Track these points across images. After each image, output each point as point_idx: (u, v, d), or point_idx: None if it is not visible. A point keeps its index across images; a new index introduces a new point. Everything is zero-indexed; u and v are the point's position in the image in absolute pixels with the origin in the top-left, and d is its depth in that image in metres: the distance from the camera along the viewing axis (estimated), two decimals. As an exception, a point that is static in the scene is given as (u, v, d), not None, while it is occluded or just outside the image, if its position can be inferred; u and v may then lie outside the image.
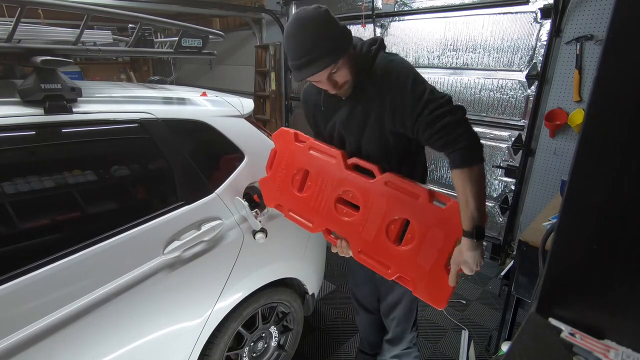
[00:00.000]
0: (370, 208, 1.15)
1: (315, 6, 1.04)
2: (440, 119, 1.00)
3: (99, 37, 1.53)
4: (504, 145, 2.84)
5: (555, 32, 2.38)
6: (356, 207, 1.20)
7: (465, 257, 1.00)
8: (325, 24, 1.02)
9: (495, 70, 2.77)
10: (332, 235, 1.29)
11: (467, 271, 1.02)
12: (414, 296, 1.51)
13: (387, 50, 1.18)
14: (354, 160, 1.21)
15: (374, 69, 1.11)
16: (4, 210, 1.02)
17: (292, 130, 1.36)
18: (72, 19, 4.39)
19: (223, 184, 1.44)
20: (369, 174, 1.17)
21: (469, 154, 1.01)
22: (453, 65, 3.00)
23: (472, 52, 2.85)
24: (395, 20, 3.31)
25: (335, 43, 1.03)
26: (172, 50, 1.47)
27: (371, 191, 1.15)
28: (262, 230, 1.47)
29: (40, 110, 1.08)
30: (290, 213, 1.37)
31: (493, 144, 2.90)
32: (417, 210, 1.08)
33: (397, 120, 1.10)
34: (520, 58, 2.62)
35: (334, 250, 1.29)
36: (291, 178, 1.34)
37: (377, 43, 1.14)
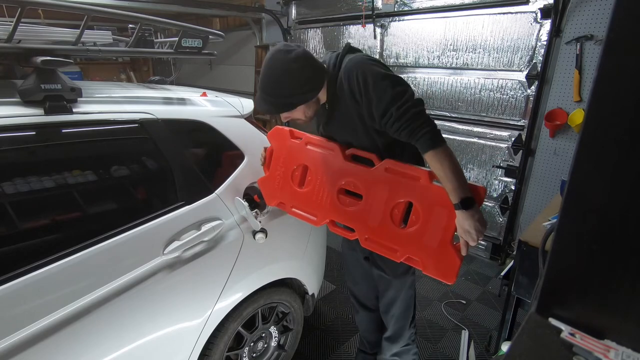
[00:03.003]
0: (373, 195, 1.18)
1: (292, 56, 1.11)
2: (407, 112, 1.08)
3: (99, 37, 1.53)
4: (504, 145, 2.84)
5: (555, 32, 2.38)
6: (359, 196, 1.22)
7: (466, 227, 1.04)
8: (289, 79, 1.12)
9: (495, 70, 2.77)
10: (337, 227, 1.31)
11: (470, 241, 1.05)
12: (411, 292, 1.53)
13: (357, 51, 1.25)
14: (352, 150, 1.25)
15: (340, 75, 1.19)
16: (4, 211, 1.02)
17: (286, 128, 1.38)
18: (72, 19, 4.39)
19: (223, 184, 1.44)
20: (368, 163, 1.20)
21: (436, 136, 1.08)
22: (453, 65, 2.99)
23: (472, 52, 2.85)
24: (395, 20, 3.31)
25: (288, 100, 1.16)
26: (172, 50, 1.47)
27: (372, 179, 1.18)
28: (262, 230, 1.47)
29: (41, 111, 1.08)
30: (293, 209, 1.37)
31: (493, 144, 2.89)
32: (419, 192, 1.11)
33: (367, 116, 1.17)
34: (520, 58, 2.62)
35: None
36: (290, 174, 1.36)
37: (340, 53, 1.22)
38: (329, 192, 1.27)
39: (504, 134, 2.83)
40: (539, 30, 2.49)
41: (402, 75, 3.22)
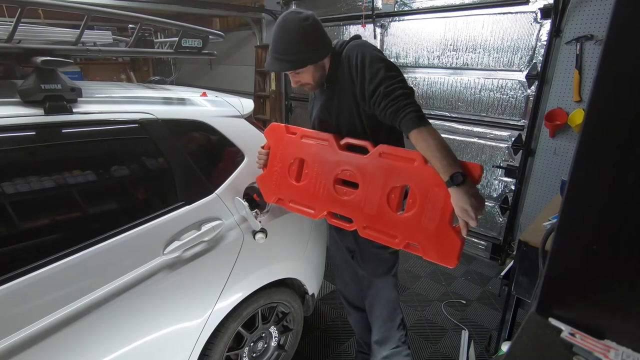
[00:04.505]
0: (369, 182, 1.18)
1: (303, 15, 1.18)
2: (394, 91, 1.12)
3: (99, 37, 1.53)
4: (504, 145, 2.84)
5: (555, 32, 2.38)
6: (355, 186, 1.22)
7: (461, 204, 1.00)
8: (301, 36, 1.18)
9: (495, 70, 2.77)
10: (335, 219, 1.30)
11: (468, 220, 1.01)
12: (394, 294, 1.53)
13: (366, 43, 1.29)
14: (346, 140, 1.25)
15: (343, 55, 1.26)
16: (4, 211, 1.02)
17: (282, 124, 1.39)
18: (72, 19, 4.39)
19: (223, 184, 1.44)
20: (364, 152, 1.20)
21: (420, 116, 1.10)
22: (453, 65, 3.00)
23: (472, 52, 2.85)
24: (395, 20, 3.31)
25: (301, 56, 1.20)
26: (172, 50, 1.47)
27: (368, 165, 1.18)
28: (262, 230, 1.47)
29: (41, 111, 1.08)
30: (291, 204, 1.38)
31: (493, 144, 2.90)
32: (414, 175, 1.11)
33: (359, 96, 1.22)
34: (520, 58, 2.62)
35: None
36: (287, 169, 1.36)
37: (347, 40, 1.29)
38: (325, 184, 1.27)
39: (504, 134, 2.83)
40: (539, 30, 2.49)
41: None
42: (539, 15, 2.46)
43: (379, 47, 3.43)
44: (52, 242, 1.08)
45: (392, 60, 1.28)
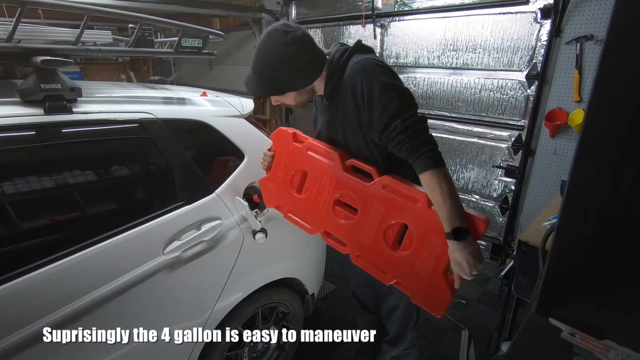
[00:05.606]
0: (368, 211, 1.13)
1: (289, 38, 1.04)
2: (413, 126, 1.02)
3: (99, 37, 1.53)
4: (504, 145, 2.84)
5: (555, 32, 2.38)
6: (355, 210, 1.18)
7: (457, 259, 0.97)
8: (279, 64, 1.05)
9: (495, 70, 2.76)
10: (331, 238, 1.27)
11: (462, 275, 0.98)
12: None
13: (368, 51, 1.18)
14: (352, 161, 1.19)
15: (345, 76, 1.12)
16: (4, 211, 1.01)
17: (290, 130, 1.35)
18: (72, 19, 4.39)
19: (223, 184, 1.44)
20: (368, 176, 1.15)
21: (437, 156, 1.02)
22: (453, 65, 2.99)
23: (472, 52, 2.85)
24: (395, 20, 3.30)
25: (277, 84, 1.09)
26: (172, 50, 1.47)
27: (369, 194, 1.13)
28: (262, 230, 1.47)
29: (40, 110, 1.08)
30: (290, 214, 1.36)
31: (493, 144, 2.89)
32: (415, 215, 1.05)
33: (367, 126, 1.12)
34: (520, 58, 2.62)
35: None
36: (290, 179, 1.33)
37: (349, 50, 1.14)
38: (324, 202, 1.23)
39: (504, 134, 2.82)
40: (539, 30, 2.49)
41: (402, 76, 3.18)
42: (539, 15, 2.46)
43: (378, 48, 3.44)
44: (52, 242, 1.08)
45: (392, 60, 1.25)
